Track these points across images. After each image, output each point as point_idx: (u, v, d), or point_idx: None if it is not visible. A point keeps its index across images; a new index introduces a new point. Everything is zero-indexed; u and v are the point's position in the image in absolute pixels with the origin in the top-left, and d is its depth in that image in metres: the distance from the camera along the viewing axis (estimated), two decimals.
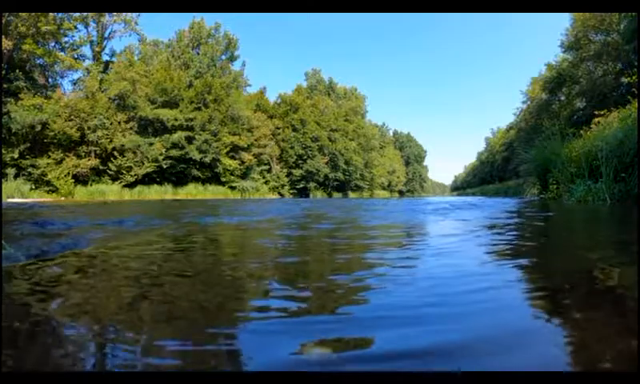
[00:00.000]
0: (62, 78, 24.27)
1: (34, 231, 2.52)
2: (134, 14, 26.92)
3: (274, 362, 0.59)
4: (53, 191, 20.56)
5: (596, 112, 14.25)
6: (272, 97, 41.55)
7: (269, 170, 34.08)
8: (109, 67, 26.02)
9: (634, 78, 19.23)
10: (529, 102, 33.88)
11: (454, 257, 1.51)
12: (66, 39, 23.51)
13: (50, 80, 23.60)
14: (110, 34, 26.76)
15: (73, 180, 21.68)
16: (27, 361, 0.61)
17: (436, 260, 1.45)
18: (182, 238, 2.34)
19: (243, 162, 30.03)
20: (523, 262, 1.43)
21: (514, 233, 2.47)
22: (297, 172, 37.22)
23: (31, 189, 19.74)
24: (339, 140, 42.53)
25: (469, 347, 0.64)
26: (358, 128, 48.35)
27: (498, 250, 1.68)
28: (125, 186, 23.54)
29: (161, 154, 24.86)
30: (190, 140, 26.42)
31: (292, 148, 36.96)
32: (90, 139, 22.57)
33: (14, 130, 19.80)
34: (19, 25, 20.14)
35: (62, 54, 23.23)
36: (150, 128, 25.83)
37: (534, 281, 1.16)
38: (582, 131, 9.71)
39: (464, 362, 0.59)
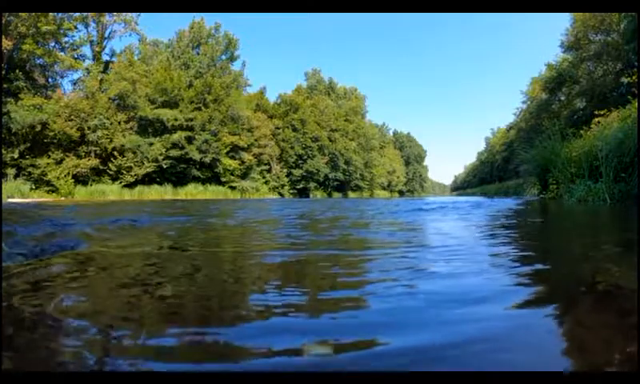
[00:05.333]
0: (62, 78, 24.29)
1: (34, 231, 2.52)
2: (134, 14, 26.95)
3: (274, 362, 0.59)
4: (53, 191, 20.55)
5: (596, 112, 14.24)
6: (272, 97, 41.58)
7: (269, 170, 34.07)
8: (109, 67, 26.00)
9: (633, 77, 19.23)
10: (529, 102, 33.86)
11: (454, 258, 1.50)
12: (66, 39, 23.50)
13: (49, 80, 23.59)
14: (110, 34, 26.79)
15: (73, 180, 21.67)
16: (27, 361, 0.61)
17: (436, 262, 1.45)
18: (182, 237, 2.34)
19: (243, 162, 30.01)
20: (523, 261, 1.43)
21: (514, 233, 2.47)
22: (297, 172, 37.20)
23: (31, 189, 19.74)
24: (339, 140, 42.52)
25: (468, 347, 0.64)
26: (358, 128, 48.34)
27: (497, 251, 1.68)
28: (125, 186, 23.53)
29: (161, 154, 24.84)
30: (190, 140, 26.41)
31: (292, 148, 36.95)
32: (90, 139, 22.56)
33: (14, 130, 19.79)
34: (19, 25, 20.13)
35: (62, 54, 23.21)
36: (150, 128, 25.81)
37: (533, 281, 1.16)
38: (582, 131, 9.71)
39: (464, 362, 0.59)
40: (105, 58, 26.64)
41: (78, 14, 23.58)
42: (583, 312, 0.85)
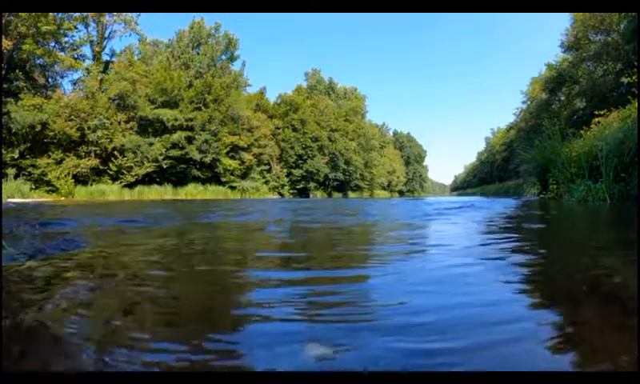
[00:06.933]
0: (62, 78, 24.23)
1: (34, 231, 2.52)
2: (134, 14, 26.90)
3: (274, 362, 0.59)
4: (53, 191, 20.54)
5: (596, 112, 14.24)
6: (272, 97, 41.57)
7: (269, 170, 34.06)
8: (109, 67, 25.98)
9: (633, 77, 19.22)
10: (529, 102, 33.84)
11: (454, 259, 1.50)
12: (66, 39, 23.45)
13: (49, 80, 23.55)
14: (110, 34, 26.74)
15: (73, 180, 21.64)
16: (27, 361, 0.61)
17: (436, 262, 1.45)
18: (182, 237, 2.34)
19: (243, 162, 30.00)
20: (522, 261, 1.43)
21: (513, 233, 2.47)
22: (297, 172, 37.20)
23: (31, 189, 19.72)
24: (339, 140, 42.51)
25: (469, 347, 0.64)
26: (358, 128, 48.31)
27: (497, 251, 1.68)
28: (125, 186, 23.51)
29: (161, 154, 24.83)
30: (190, 140, 26.40)
31: (292, 148, 36.94)
32: (90, 139, 22.55)
33: (14, 130, 19.77)
34: (19, 25, 20.11)
35: (62, 54, 23.18)
36: (150, 128, 25.79)
37: (533, 281, 1.16)
38: (582, 131, 9.71)
39: (464, 362, 0.59)
40: (105, 57, 26.61)
41: (77, 14, 23.56)
42: (583, 312, 0.85)
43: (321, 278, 1.21)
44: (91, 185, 22.50)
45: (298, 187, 37.15)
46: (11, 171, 19.67)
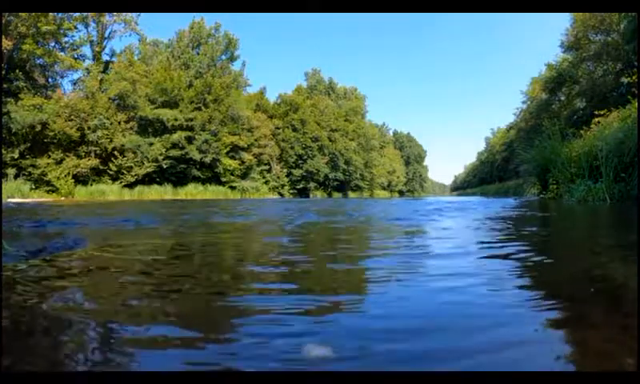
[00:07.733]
0: (62, 78, 24.26)
1: (34, 231, 2.52)
2: (134, 14, 26.91)
3: (274, 362, 0.59)
4: (53, 191, 20.54)
5: (596, 112, 14.24)
6: (272, 97, 41.58)
7: (269, 170, 34.06)
8: (109, 67, 25.99)
9: (634, 77, 19.23)
10: (529, 102, 33.84)
11: (454, 259, 1.50)
12: (66, 39, 23.47)
13: (49, 80, 23.56)
14: (110, 34, 26.76)
15: (73, 180, 21.65)
16: (27, 361, 0.61)
17: (436, 263, 1.45)
18: (182, 237, 2.34)
19: (243, 162, 30.00)
20: (522, 261, 1.43)
21: (513, 235, 2.47)
22: (297, 172, 37.20)
23: (31, 189, 19.72)
24: (339, 140, 42.50)
25: (469, 347, 0.64)
26: (358, 128, 48.31)
27: (497, 250, 1.67)
28: (125, 185, 23.52)
29: (161, 154, 24.83)
30: (190, 140, 26.40)
31: (292, 148, 36.94)
32: (90, 139, 22.55)
33: (14, 130, 19.78)
34: (19, 25, 20.11)
35: (62, 54, 23.19)
36: (150, 128, 25.80)
37: (533, 281, 1.16)
38: (582, 131, 9.72)
39: (464, 362, 0.59)
40: (105, 57, 26.62)
41: (77, 14, 23.56)
42: (583, 312, 0.85)
43: (321, 277, 1.20)
44: (91, 185, 22.51)
45: (298, 187, 37.14)
46: (11, 171, 19.67)
